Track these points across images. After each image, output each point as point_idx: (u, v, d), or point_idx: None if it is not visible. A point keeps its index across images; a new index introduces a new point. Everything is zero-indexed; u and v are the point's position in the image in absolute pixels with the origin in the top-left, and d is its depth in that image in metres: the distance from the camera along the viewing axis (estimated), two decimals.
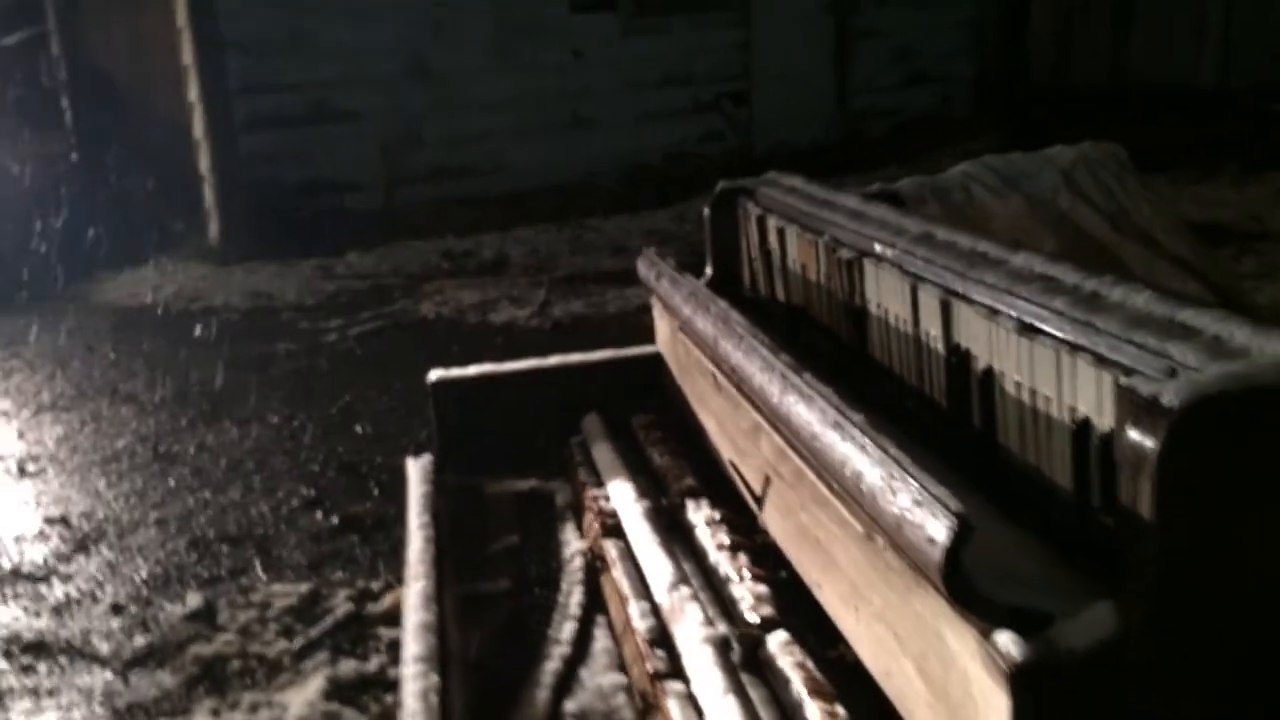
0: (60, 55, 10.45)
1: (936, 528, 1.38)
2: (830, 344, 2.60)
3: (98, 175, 9.94)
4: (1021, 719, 1.33)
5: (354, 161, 8.11)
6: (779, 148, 9.57)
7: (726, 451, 2.59)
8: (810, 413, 1.83)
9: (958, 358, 1.97)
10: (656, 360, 3.27)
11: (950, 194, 3.32)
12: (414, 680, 2.18)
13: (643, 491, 2.68)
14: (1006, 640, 1.35)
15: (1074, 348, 1.62)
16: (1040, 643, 1.35)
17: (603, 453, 2.98)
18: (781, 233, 2.85)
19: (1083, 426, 1.59)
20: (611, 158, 9.04)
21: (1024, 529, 1.69)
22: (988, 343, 1.86)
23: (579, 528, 2.84)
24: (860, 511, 1.68)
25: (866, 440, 1.62)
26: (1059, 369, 1.65)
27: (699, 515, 2.51)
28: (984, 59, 11.32)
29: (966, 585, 1.37)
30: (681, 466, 2.77)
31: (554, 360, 3.33)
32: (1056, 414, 1.66)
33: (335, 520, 3.66)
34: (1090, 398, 1.57)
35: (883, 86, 10.52)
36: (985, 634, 1.38)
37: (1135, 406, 1.36)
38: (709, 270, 3.27)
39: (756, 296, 3.11)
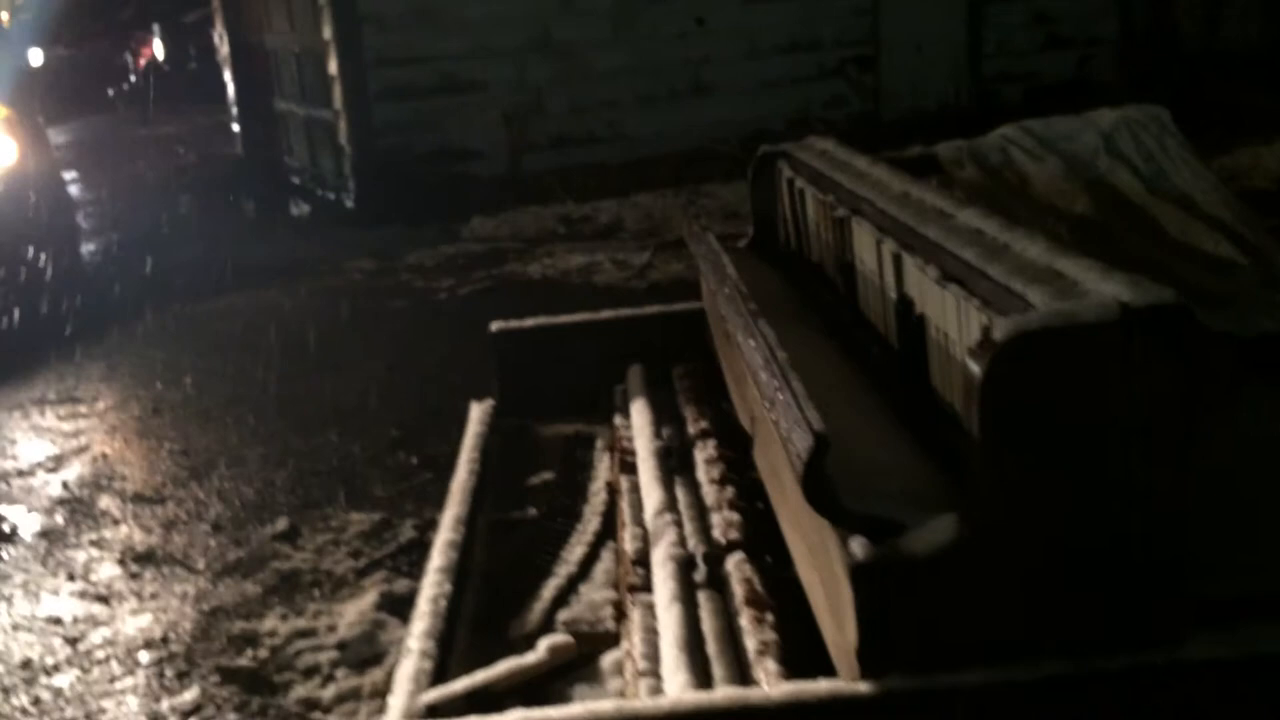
0: (223, 31, 11.17)
1: (803, 444, 1.57)
2: (834, 298, 2.77)
3: (254, 145, 10.63)
4: (864, 611, 1.53)
5: (481, 130, 8.47)
6: (906, 113, 9.50)
7: (732, 394, 2.80)
8: (755, 353, 2.03)
9: (904, 306, 2.13)
10: (701, 315, 3.48)
11: (988, 157, 3.40)
12: (430, 587, 2.47)
13: (658, 433, 2.91)
14: (857, 544, 1.54)
15: (970, 294, 1.77)
16: (887, 548, 1.53)
17: (638, 398, 3.21)
18: (802, 193, 3.01)
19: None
20: (734, 125, 9.15)
21: (932, 458, 1.86)
22: (920, 292, 2.02)
23: (611, 466, 3.09)
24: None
25: (781, 375, 1.81)
26: (960, 313, 1.80)
27: (704, 454, 2.73)
28: (1129, 20, 10.95)
29: (823, 494, 1.56)
30: (701, 411, 2.98)
31: (606, 314, 3.57)
32: (958, 355, 1.82)
33: (415, 459, 4.00)
34: (976, 338, 1.73)
35: (1019, 49, 10.28)
36: (844, 540, 1.57)
37: (980, 342, 1.52)
38: (751, 231, 3.46)
39: (788, 255, 3.28)
